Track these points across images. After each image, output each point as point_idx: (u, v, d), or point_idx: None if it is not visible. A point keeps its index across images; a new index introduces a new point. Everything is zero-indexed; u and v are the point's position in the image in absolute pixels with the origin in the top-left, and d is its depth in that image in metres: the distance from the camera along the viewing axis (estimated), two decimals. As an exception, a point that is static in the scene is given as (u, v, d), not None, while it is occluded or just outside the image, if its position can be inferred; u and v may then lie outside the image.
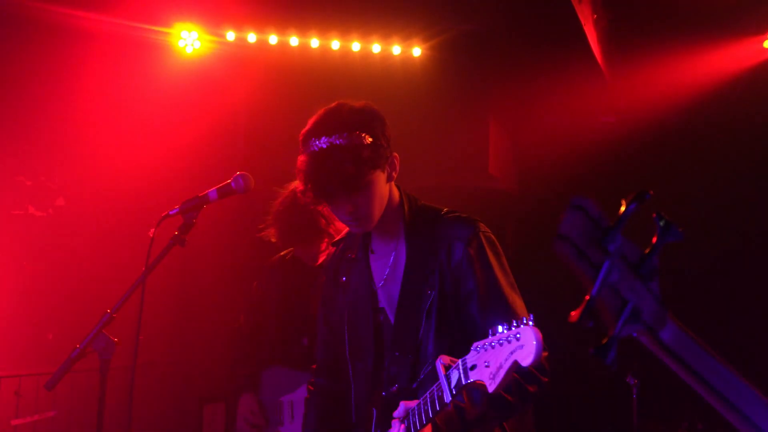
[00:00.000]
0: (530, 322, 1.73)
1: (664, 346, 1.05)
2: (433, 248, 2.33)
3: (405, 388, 2.28)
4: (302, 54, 5.75)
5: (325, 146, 2.25)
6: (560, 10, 4.96)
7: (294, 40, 5.71)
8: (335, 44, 5.71)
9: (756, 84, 5.90)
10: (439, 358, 1.98)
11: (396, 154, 2.39)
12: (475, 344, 1.89)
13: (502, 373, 1.75)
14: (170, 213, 2.74)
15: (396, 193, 2.46)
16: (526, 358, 1.69)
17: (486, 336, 2.13)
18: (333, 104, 2.38)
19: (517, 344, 1.74)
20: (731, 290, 6.04)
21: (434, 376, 2.17)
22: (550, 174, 6.29)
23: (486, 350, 1.84)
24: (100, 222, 5.19)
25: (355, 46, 5.72)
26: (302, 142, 2.34)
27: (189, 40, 5.59)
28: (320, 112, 2.36)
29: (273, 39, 5.71)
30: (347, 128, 2.26)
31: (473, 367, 1.87)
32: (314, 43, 5.71)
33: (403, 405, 2.21)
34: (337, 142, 2.24)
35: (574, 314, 1.01)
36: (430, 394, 2.06)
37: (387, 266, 2.42)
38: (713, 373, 1.05)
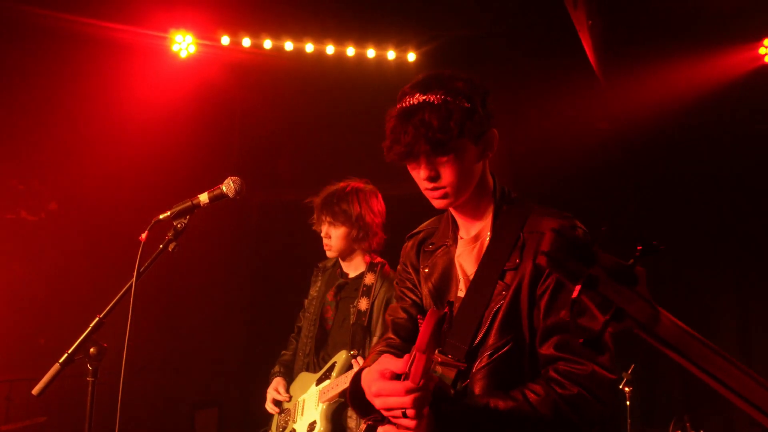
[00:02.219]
0: None
1: (661, 339, 1.26)
2: (518, 244, 2.13)
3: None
4: (297, 58, 5.75)
5: (416, 102, 2.11)
6: (555, 16, 4.96)
7: (289, 45, 5.70)
8: (330, 49, 5.70)
9: (751, 91, 5.91)
10: None
11: (495, 131, 2.19)
12: None
13: None
14: (161, 217, 2.74)
15: (490, 179, 2.28)
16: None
17: (547, 339, 2.01)
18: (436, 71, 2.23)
19: None
20: (724, 293, 6.06)
21: (486, 375, 2.07)
22: (545, 179, 6.29)
23: None
24: (93, 226, 5.17)
25: (350, 51, 5.71)
26: (398, 99, 2.19)
27: (183, 44, 5.58)
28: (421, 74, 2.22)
29: (267, 44, 5.70)
30: (444, 89, 2.10)
31: None
32: (309, 47, 5.70)
33: None
34: (431, 99, 2.09)
35: (564, 312, 1.30)
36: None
37: (474, 256, 2.25)
38: (704, 360, 1.26)
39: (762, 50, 5.84)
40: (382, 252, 3.85)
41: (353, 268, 3.82)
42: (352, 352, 3.56)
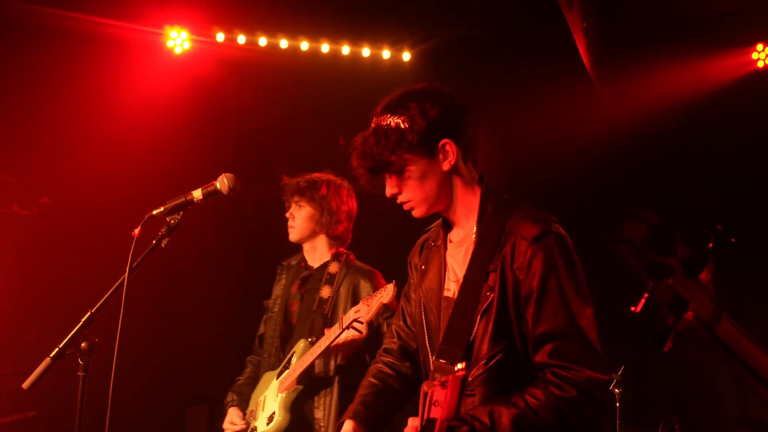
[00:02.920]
0: None
1: (718, 340, 1.25)
2: (499, 245, 2.20)
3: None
4: (292, 56, 5.75)
5: (370, 129, 2.29)
6: (550, 17, 4.97)
7: (284, 43, 5.70)
8: (325, 47, 5.70)
9: (744, 94, 5.95)
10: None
11: (448, 140, 2.25)
12: None
13: None
14: (155, 213, 2.72)
15: (473, 182, 2.35)
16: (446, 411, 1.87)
17: (540, 348, 2.10)
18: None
19: None
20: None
21: (483, 381, 2.14)
22: (538, 180, 6.31)
23: None
24: (85, 221, 5.16)
25: (345, 49, 5.72)
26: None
27: (178, 40, 5.57)
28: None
29: (263, 41, 5.70)
30: (391, 111, 2.25)
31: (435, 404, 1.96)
32: (304, 45, 5.70)
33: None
34: (379, 123, 2.26)
35: (635, 307, 1.22)
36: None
37: (465, 257, 2.30)
38: (757, 363, 1.26)
39: (755, 55, 5.89)
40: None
41: (317, 258, 3.78)
42: (309, 339, 3.52)
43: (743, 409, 6.01)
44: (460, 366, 2.09)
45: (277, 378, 3.62)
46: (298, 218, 3.72)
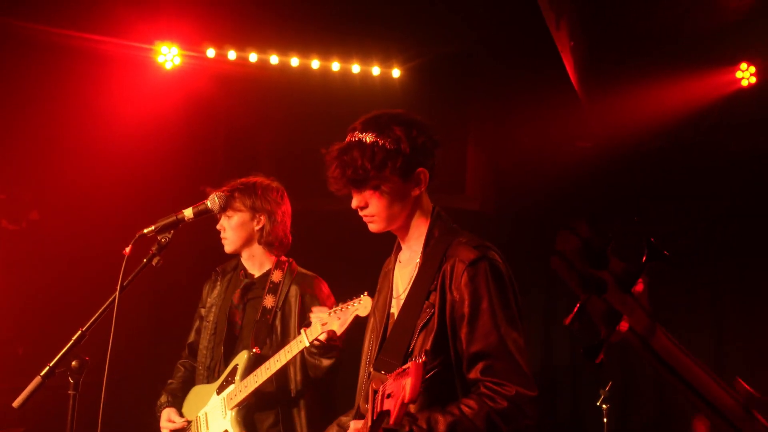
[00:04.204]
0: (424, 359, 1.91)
1: (653, 353, 1.22)
2: (441, 266, 2.36)
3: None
4: (282, 72, 5.76)
5: (351, 141, 2.41)
6: (538, 36, 5.03)
7: (274, 59, 5.73)
8: (315, 63, 5.73)
9: (728, 113, 6.01)
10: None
11: (424, 169, 2.44)
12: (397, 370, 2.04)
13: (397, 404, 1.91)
14: (146, 232, 2.75)
15: (428, 209, 2.53)
16: (410, 393, 1.87)
17: (473, 366, 2.24)
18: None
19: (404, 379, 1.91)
20: (700, 312, 6.14)
21: (422, 392, 2.13)
22: (527, 196, 6.35)
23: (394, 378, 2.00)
24: (74, 237, 5.14)
25: (335, 65, 5.75)
26: (348, 132, 2.48)
27: (169, 56, 5.58)
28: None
29: (253, 57, 5.72)
30: (377, 131, 2.38)
31: (389, 396, 1.99)
32: (294, 61, 5.73)
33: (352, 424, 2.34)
34: (363, 139, 2.38)
35: (567, 319, 1.19)
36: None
37: (409, 276, 2.49)
38: (691, 376, 1.23)
39: (739, 74, 5.95)
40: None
41: (257, 266, 3.65)
42: (253, 351, 3.41)
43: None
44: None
45: (218, 393, 3.46)
46: (229, 229, 3.57)
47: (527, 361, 2.27)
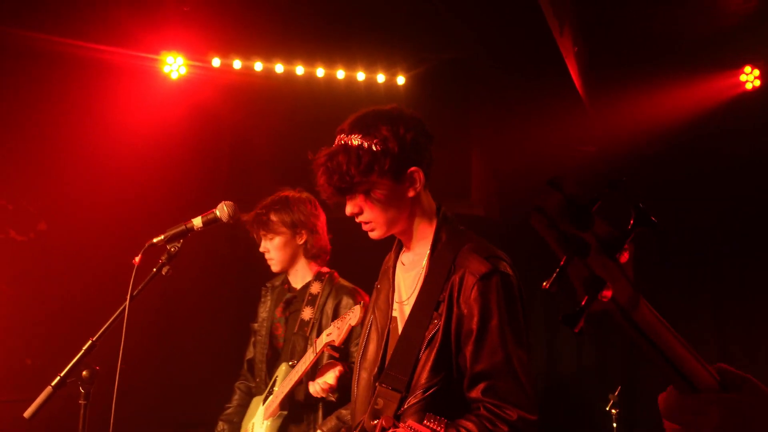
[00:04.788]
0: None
1: (635, 325, 1.12)
2: (449, 275, 2.23)
3: (387, 416, 2.23)
4: (287, 80, 5.76)
5: (337, 144, 2.27)
6: (542, 41, 5.03)
7: (279, 68, 5.73)
8: (320, 71, 5.73)
9: (732, 116, 6.00)
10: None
11: (417, 168, 2.29)
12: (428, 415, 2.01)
13: None
14: (155, 241, 2.75)
15: (431, 210, 2.39)
16: None
17: (475, 385, 2.16)
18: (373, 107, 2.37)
19: None
20: (703, 317, 6.12)
21: (418, 410, 2.17)
22: (530, 200, 6.32)
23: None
24: (83, 247, 5.13)
25: (340, 74, 5.75)
26: (336, 134, 2.36)
27: (174, 66, 5.59)
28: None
29: (258, 66, 5.73)
30: (363, 132, 2.25)
31: None
32: (299, 70, 5.74)
33: None
34: (348, 142, 2.25)
35: (546, 282, 1.07)
36: None
37: (413, 281, 2.35)
38: (671, 351, 1.14)
39: (743, 77, 5.95)
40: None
41: (299, 278, 3.68)
42: (291, 363, 3.45)
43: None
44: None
45: (263, 403, 3.57)
46: (273, 250, 3.59)
47: (531, 381, 2.17)
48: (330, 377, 3.26)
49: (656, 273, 5.93)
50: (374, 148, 2.22)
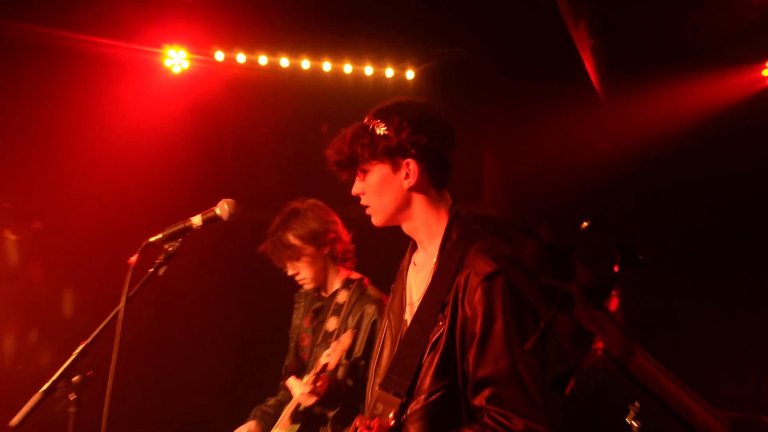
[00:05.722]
0: None
1: (631, 377, 1.07)
2: (455, 276, 2.16)
3: (386, 424, 2.14)
4: (293, 75, 5.67)
5: (359, 123, 2.35)
6: (556, 35, 4.91)
7: (285, 62, 5.63)
8: (327, 66, 5.63)
9: (755, 112, 5.90)
10: None
11: (412, 161, 2.29)
12: None
13: None
14: (152, 240, 2.63)
15: (442, 207, 2.34)
16: None
17: (479, 392, 2.06)
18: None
19: None
20: (721, 320, 6.04)
21: (421, 417, 2.09)
22: (545, 200, 6.23)
23: None
24: (79, 246, 5.04)
25: (348, 67, 5.64)
26: None
27: (177, 59, 5.48)
28: None
29: (263, 60, 5.62)
30: (378, 115, 2.32)
31: None
32: (305, 64, 5.63)
33: None
34: (362, 123, 2.33)
35: (528, 343, 1.01)
36: None
37: (423, 282, 2.30)
38: (673, 399, 1.09)
39: (765, 72, 5.86)
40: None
41: (328, 285, 3.61)
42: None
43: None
44: (391, 414, 2.08)
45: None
46: (303, 270, 3.52)
47: (541, 388, 2.04)
48: (309, 381, 3.24)
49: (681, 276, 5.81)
50: (377, 131, 2.28)
